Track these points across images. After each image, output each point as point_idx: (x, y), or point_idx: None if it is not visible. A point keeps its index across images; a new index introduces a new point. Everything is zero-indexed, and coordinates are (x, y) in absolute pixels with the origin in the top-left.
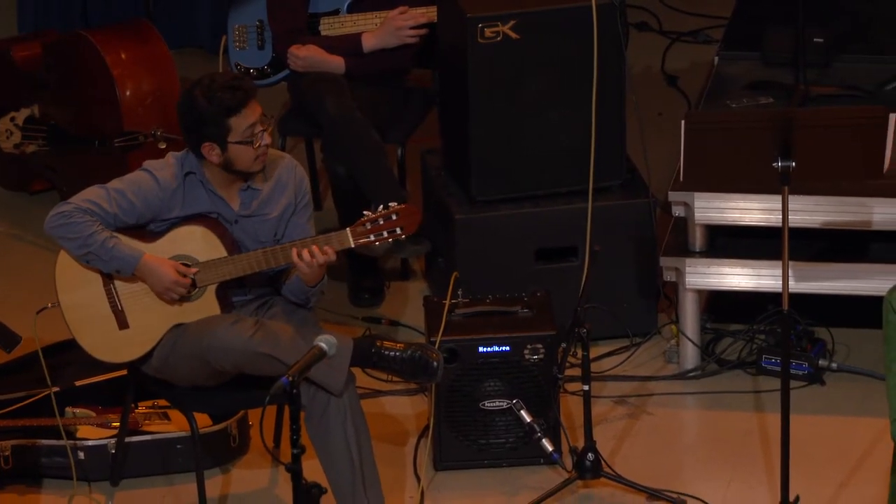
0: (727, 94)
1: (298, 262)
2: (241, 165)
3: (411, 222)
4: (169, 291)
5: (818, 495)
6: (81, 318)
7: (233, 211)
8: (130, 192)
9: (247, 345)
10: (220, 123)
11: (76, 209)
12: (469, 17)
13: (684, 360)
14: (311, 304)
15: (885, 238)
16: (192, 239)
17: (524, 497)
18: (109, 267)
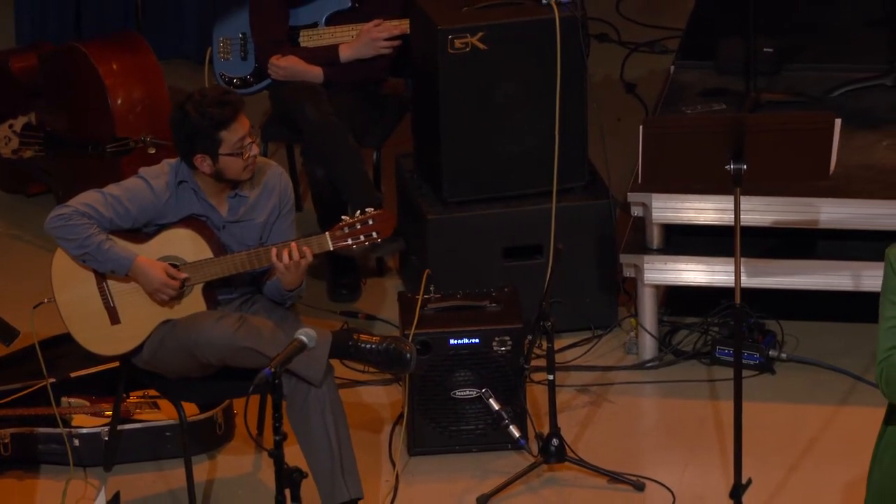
0: (682, 101)
1: (276, 263)
2: (232, 175)
3: (386, 227)
4: (159, 292)
5: (769, 478)
6: (76, 314)
7: (222, 217)
8: (126, 198)
9: (231, 339)
10: (211, 136)
11: (75, 212)
12: (440, 29)
13: (643, 351)
14: (287, 305)
15: (832, 236)
16: (180, 241)
17: (493, 480)
18: (104, 267)
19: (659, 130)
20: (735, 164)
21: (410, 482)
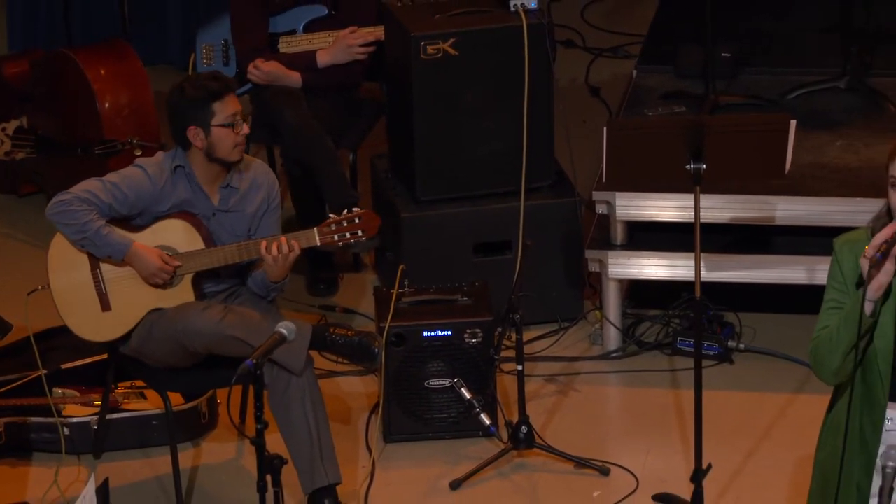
0: (644, 104)
1: (265, 254)
2: (223, 152)
3: (372, 226)
4: (154, 277)
5: (728, 462)
6: (69, 300)
7: (213, 205)
8: (124, 184)
9: (216, 328)
10: (204, 107)
11: (75, 198)
12: (413, 35)
13: (607, 342)
14: (270, 298)
15: (787, 232)
16: (174, 231)
17: (464, 466)
18: (102, 252)
19: (622, 132)
20: (695, 163)
21: (386, 468)
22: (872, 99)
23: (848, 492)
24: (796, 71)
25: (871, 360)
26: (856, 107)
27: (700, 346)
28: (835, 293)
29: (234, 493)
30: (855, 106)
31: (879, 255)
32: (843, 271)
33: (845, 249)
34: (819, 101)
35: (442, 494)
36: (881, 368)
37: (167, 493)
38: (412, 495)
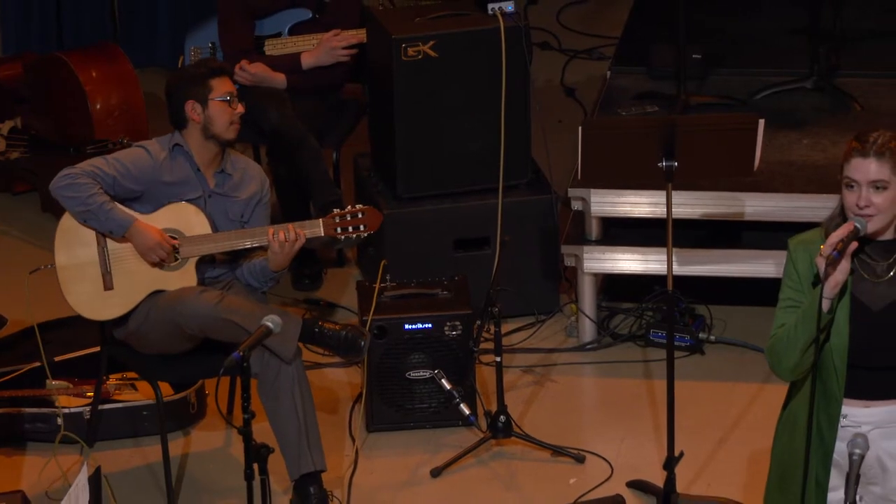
0: (618, 104)
1: (272, 240)
2: (218, 128)
3: (374, 222)
4: (151, 252)
5: (700, 450)
6: (72, 277)
7: (209, 187)
8: (127, 160)
9: (213, 311)
10: (203, 82)
11: (81, 172)
12: (394, 38)
13: (583, 334)
14: (264, 289)
15: (756, 227)
16: (184, 214)
17: (445, 454)
18: (104, 227)
19: (597, 131)
20: (667, 161)
21: (369, 456)
22: (839, 99)
23: (807, 486)
24: (765, 72)
25: (826, 357)
26: (822, 106)
27: (672, 338)
28: (790, 292)
29: (223, 480)
30: (822, 105)
31: (836, 254)
32: (798, 270)
33: (800, 249)
34: (787, 100)
35: (423, 482)
36: (836, 365)
37: (158, 481)
38: (394, 482)
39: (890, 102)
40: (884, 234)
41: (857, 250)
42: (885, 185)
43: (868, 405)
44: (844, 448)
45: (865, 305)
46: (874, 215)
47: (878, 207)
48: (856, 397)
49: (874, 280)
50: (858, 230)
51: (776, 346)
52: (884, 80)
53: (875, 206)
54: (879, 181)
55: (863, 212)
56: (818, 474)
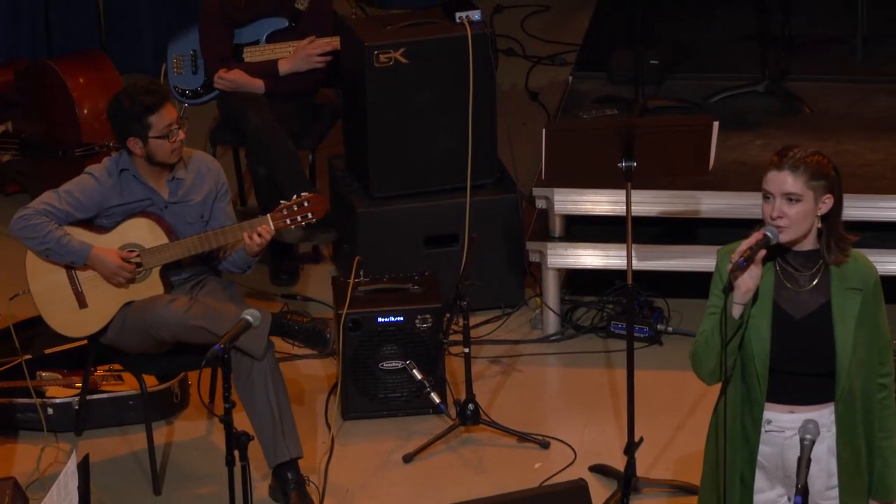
0: (580, 107)
1: (249, 242)
2: (161, 157)
3: (320, 208)
4: (115, 276)
5: (658, 436)
6: (48, 301)
7: (163, 199)
8: (76, 191)
9: (182, 319)
10: (141, 121)
11: (34, 212)
12: (366, 45)
13: (547, 326)
14: (250, 271)
15: (711, 224)
16: (138, 229)
17: (416, 441)
18: (65, 259)
19: (559, 133)
20: (626, 161)
21: (344, 443)
22: (789, 102)
23: (732, 484)
24: (719, 76)
25: (749, 363)
26: (774, 109)
27: (632, 330)
28: (715, 300)
29: (205, 467)
30: (773, 108)
31: (742, 261)
32: (723, 279)
33: (726, 259)
34: (740, 103)
35: (395, 467)
36: (759, 370)
37: (143, 468)
38: (368, 468)
39: (837, 105)
40: (805, 244)
41: (781, 260)
42: (798, 198)
43: (792, 410)
44: (769, 451)
45: (788, 313)
46: (787, 226)
47: (790, 219)
48: (780, 402)
49: (797, 289)
50: (769, 238)
51: (697, 351)
52: (831, 84)
53: (788, 217)
54: (792, 194)
55: (776, 222)
56: (744, 475)
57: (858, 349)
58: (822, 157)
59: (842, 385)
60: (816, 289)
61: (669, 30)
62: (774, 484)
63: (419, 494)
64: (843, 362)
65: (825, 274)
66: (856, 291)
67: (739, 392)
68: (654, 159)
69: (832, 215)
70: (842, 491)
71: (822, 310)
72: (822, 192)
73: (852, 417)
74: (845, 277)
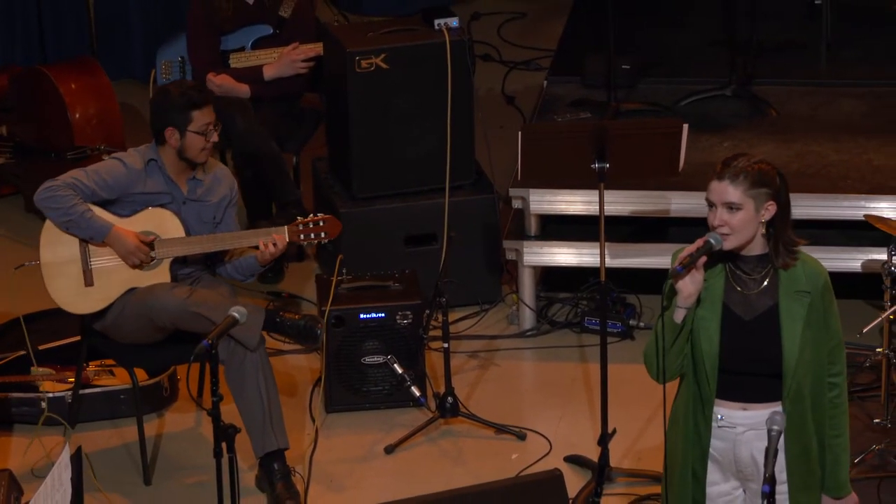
0: (554, 111)
1: (264, 249)
2: (192, 154)
3: (334, 230)
4: (130, 256)
5: (631, 427)
6: (55, 273)
7: (183, 194)
8: (104, 172)
9: (182, 305)
10: (185, 113)
11: (62, 184)
12: (348, 51)
13: (523, 321)
14: (246, 282)
15: (681, 223)
16: (161, 219)
17: (398, 433)
18: (85, 234)
19: (535, 135)
20: (599, 163)
21: (328, 435)
22: (756, 105)
23: (684, 478)
24: (688, 80)
25: (699, 362)
26: (741, 112)
27: (605, 325)
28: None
29: (194, 458)
30: (740, 111)
31: (679, 268)
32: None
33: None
34: (708, 107)
35: (378, 458)
36: (708, 370)
37: (134, 459)
38: (351, 459)
39: (802, 108)
40: (753, 248)
41: (732, 264)
42: (738, 207)
43: (745, 408)
44: (721, 445)
45: (737, 315)
46: (729, 234)
47: (732, 227)
48: (733, 400)
49: (746, 292)
50: (711, 244)
51: (647, 352)
52: (796, 88)
53: (729, 225)
54: (732, 203)
55: (719, 230)
56: (696, 469)
57: (806, 350)
58: (767, 164)
59: (788, 385)
60: (765, 292)
61: (641, 36)
62: (728, 477)
63: (400, 484)
64: (789, 363)
65: (774, 277)
66: (804, 294)
67: (692, 391)
68: (627, 161)
69: (778, 221)
70: (791, 486)
71: (770, 312)
72: (764, 200)
73: (801, 416)
74: (794, 280)
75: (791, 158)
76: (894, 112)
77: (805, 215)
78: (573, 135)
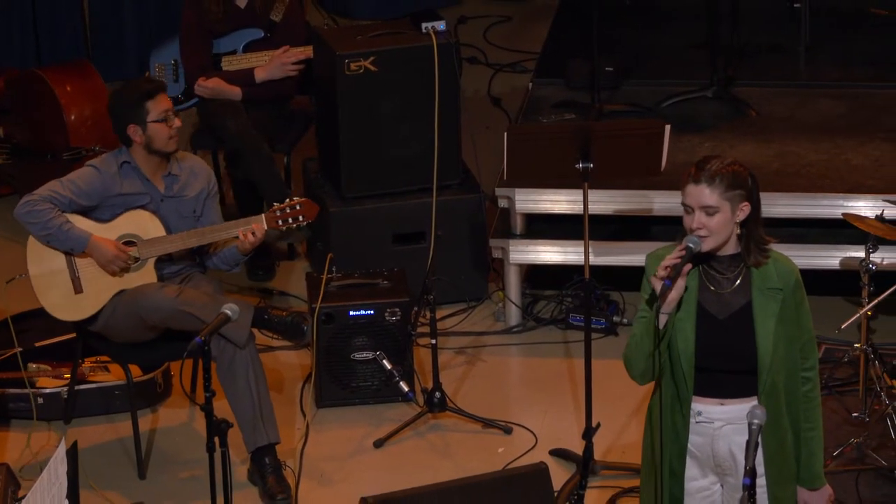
0: (539, 112)
1: (244, 239)
2: (159, 144)
3: (311, 212)
4: (111, 264)
5: (614, 422)
6: (45, 284)
7: (160, 192)
8: (79, 180)
9: (172, 304)
10: (139, 107)
11: (39, 199)
12: (338, 54)
13: (509, 318)
14: (233, 272)
15: (663, 222)
16: (140, 221)
17: (386, 427)
18: (65, 246)
19: (520, 136)
20: (583, 163)
21: (319, 430)
22: (736, 106)
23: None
24: (670, 82)
25: (675, 361)
26: (721, 113)
27: (589, 321)
28: (645, 304)
29: (187, 452)
30: (721, 112)
31: (668, 282)
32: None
33: (653, 264)
34: (690, 108)
35: (367, 452)
36: (684, 368)
37: (129, 453)
38: (341, 452)
39: (781, 109)
40: (727, 248)
41: (705, 264)
42: (715, 210)
43: (723, 403)
44: (700, 441)
45: (711, 314)
46: (707, 236)
47: (710, 229)
48: (710, 396)
49: (720, 291)
50: (692, 249)
51: (628, 354)
52: (775, 89)
53: (707, 228)
54: (710, 206)
55: (697, 233)
56: (674, 466)
57: (780, 346)
58: (739, 166)
59: (763, 380)
60: (738, 290)
61: (623, 39)
62: (706, 472)
63: (389, 477)
64: (764, 359)
65: (746, 275)
66: (776, 291)
67: (670, 390)
68: (610, 161)
69: (751, 220)
70: (769, 479)
71: (744, 310)
72: (738, 201)
73: (777, 411)
74: (766, 278)
75: (770, 158)
76: (871, 112)
77: (785, 214)
78: (558, 135)
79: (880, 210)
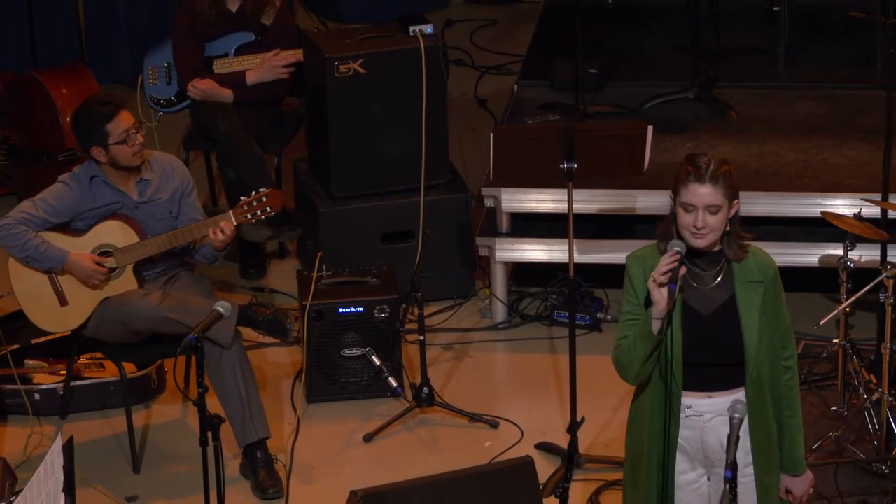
0: (524, 113)
1: (214, 237)
2: (124, 161)
3: (277, 202)
4: (90, 279)
5: (598, 416)
6: (31, 300)
7: (133, 200)
8: (51, 198)
9: (155, 311)
10: (99, 130)
11: (14, 221)
12: (327, 56)
13: (495, 315)
14: (218, 262)
15: (646, 220)
16: (111, 230)
17: (376, 422)
18: (43, 266)
19: (506, 137)
20: (568, 163)
21: (309, 425)
22: (717, 107)
23: (651, 472)
24: (652, 84)
25: (663, 360)
26: (703, 114)
27: (574, 318)
28: (630, 306)
29: (180, 447)
30: (702, 113)
31: (673, 286)
32: (634, 286)
33: (635, 265)
34: (672, 109)
35: (357, 446)
36: (673, 365)
37: (123, 448)
38: (332, 447)
39: (761, 110)
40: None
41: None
42: (718, 209)
43: (711, 395)
44: (689, 434)
45: (696, 310)
46: (708, 234)
47: (711, 227)
48: (698, 390)
49: (703, 287)
50: (681, 253)
51: (620, 357)
52: (755, 90)
53: (709, 226)
54: (714, 206)
55: (700, 232)
56: (662, 462)
57: (763, 337)
58: (730, 164)
59: (751, 371)
60: (721, 285)
61: (607, 41)
62: (695, 465)
63: (378, 471)
64: (750, 350)
65: (728, 270)
66: (757, 283)
67: (659, 388)
68: (594, 161)
69: (734, 217)
70: (757, 467)
71: (728, 303)
72: (732, 199)
73: (762, 400)
74: (746, 271)
75: (750, 158)
76: (849, 113)
77: (764, 212)
78: (543, 136)
79: (858, 209)
